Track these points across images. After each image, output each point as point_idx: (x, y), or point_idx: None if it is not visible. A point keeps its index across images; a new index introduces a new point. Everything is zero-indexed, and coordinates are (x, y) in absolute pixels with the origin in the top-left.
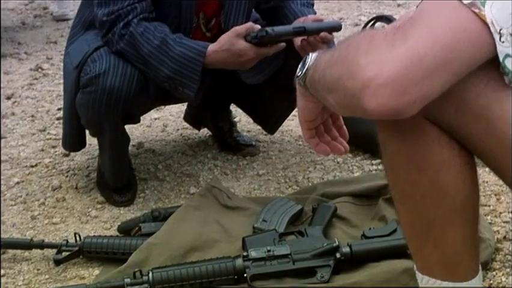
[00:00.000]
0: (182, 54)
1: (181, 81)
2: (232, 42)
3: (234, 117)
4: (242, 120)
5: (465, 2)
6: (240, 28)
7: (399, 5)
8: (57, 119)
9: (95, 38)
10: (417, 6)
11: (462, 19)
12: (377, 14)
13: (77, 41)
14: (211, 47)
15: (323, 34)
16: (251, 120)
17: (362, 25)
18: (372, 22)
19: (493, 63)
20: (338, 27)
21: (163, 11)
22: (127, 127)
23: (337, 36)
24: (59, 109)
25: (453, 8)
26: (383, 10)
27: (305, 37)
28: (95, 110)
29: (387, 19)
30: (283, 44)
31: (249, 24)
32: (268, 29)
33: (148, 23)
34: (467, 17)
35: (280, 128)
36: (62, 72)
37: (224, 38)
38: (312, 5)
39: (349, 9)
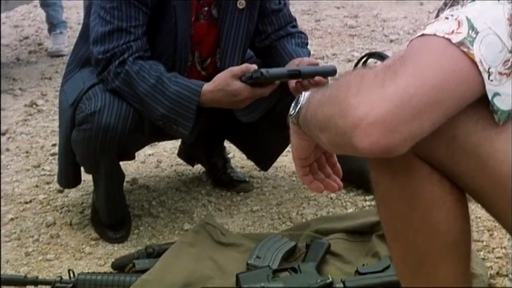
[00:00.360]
0: (178, 93)
1: (176, 120)
2: (227, 82)
3: (228, 154)
4: (236, 156)
5: (454, 41)
6: (236, 69)
7: (391, 41)
8: (52, 155)
9: (90, 76)
10: (408, 44)
11: (451, 58)
12: (370, 51)
13: (73, 79)
14: (206, 86)
15: (317, 78)
16: (245, 156)
17: (355, 61)
18: (364, 59)
19: (482, 101)
20: (332, 72)
21: (158, 50)
22: (121, 163)
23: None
24: (53, 145)
25: (442, 48)
26: (375, 46)
27: (299, 80)
28: (91, 148)
29: (380, 56)
30: (277, 83)
31: (245, 65)
32: (263, 70)
33: (143, 62)
34: (456, 57)
35: (274, 164)
36: (56, 108)
37: (219, 78)
38: (307, 44)
39: (342, 44)
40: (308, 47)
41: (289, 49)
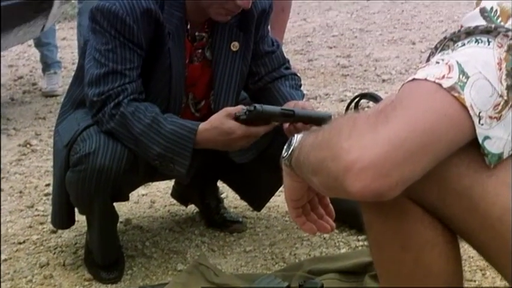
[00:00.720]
0: (174, 131)
1: (173, 159)
2: (222, 121)
3: (221, 194)
4: (229, 197)
5: (445, 86)
6: (231, 108)
7: (384, 81)
8: (46, 195)
9: (84, 117)
10: (400, 88)
11: (442, 103)
12: (362, 91)
13: (67, 120)
14: (203, 125)
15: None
16: (238, 197)
17: (348, 101)
18: (356, 99)
19: (473, 144)
20: (327, 119)
21: (153, 91)
22: (115, 203)
23: (322, 108)
24: (47, 185)
25: (433, 92)
26: (368, 86)
27: (293, 122)
28: (85, 189)
29: (372, 96)
30: (273, 124)
31: (240, 106)
32: (257, 105)
33: (138, 103)
34: (446, 101)
35: (267, 204)
36: (50, 148)
37: (214, 117)
38: (300, 86)
39: (334, 84)
40: (301, 87)
41: (284, 91)
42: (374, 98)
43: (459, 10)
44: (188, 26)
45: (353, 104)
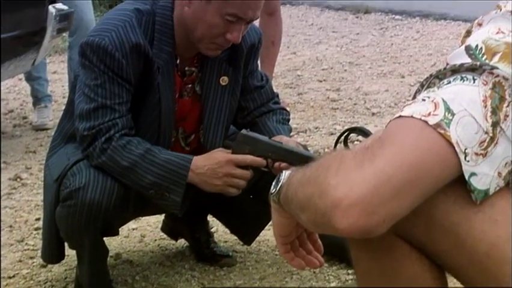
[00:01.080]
0: (169, 160)
1: (168, 187)
2: (212, 154)
3: (211, 228)
4: (219, 231)
5: (431, 123)
6: (232, 157)
7: (373, 114)
8: (36, 229)
9: (75, 151)
10: (386, 125)
11: (428, 140)
12: (351, 125)
13: (57, 154)
14: (197, 158)
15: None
16: (228, 231)
17: (337, 134)
18: (346, 134)
19: (460, 180)
20: (311, 158)
21: (143, 126)
22: (105, 237)
23: (312, 146)
24: (37, 219)
25: (419, 130)
26: (357, 119)
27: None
28: (75, 224)
29: (361, 131)
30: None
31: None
32: (243, 131)
33: (129, 138)
34: (433, 138)
35: (257, 238)
36: (41, 182)
37: (210, 151)
38: (288, 120)
39: (324, 118)
40: (291, 120)
41: (270, 126)
42: (363, 132)
43: (448, 44)
44: (178, 61)
45: (342, 138)
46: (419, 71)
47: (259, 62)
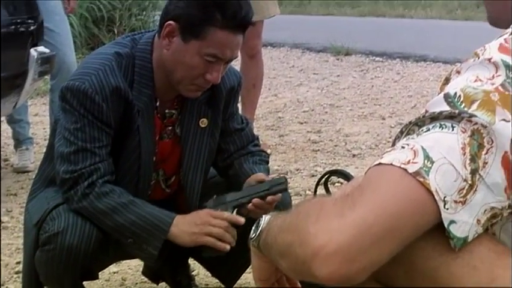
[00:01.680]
0: (151, 213)
1: (147, 239)
2: (198, 211)
3: (192, 271)
4: (200, 274)
5: (410, 171)
6: (211, 212)
7: (354, 156)
8: (16, 273)
9: (54, 195)
10: (366, 172)
11: (407, 188)
12: (331, 168)
13: (37, 198)
14: (179, 216)
15: (269, 198)
16: (209, 274)
17: (318, 176)
18: (326, 176)
19: (439, 227)
20: (282, 189)
21: (123, 168)
22: (85, 282)
23: (294, 188)
24: (18, 263)
25: (399, 178)
26: (338, 161)
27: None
28: (54, 268)
29: (341, 173)
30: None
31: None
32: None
33: (112, 186)
34: (412, 186)
35: (238, 281)
36: (21, 225)
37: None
38: (266, 162)
39: (305, 160)
40: (272, 162)
41: (246, 167)
42: (344, 175)
43: (428, 85)
44: (158, 103)
45: (322, 181)
46: (399, 113)
47: (240, 104)
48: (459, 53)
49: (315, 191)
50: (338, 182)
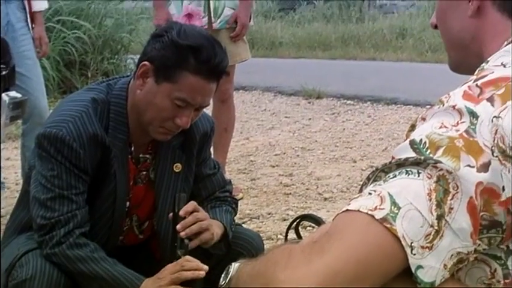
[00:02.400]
0: (121, 273)
1: None
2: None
3: None
4: None
5: (377, 217)
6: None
7: (325, 199)
8: None
9: (25, 242)
10: (333, 219)
11: (374, 234)
12: (302, 213)
13: (10, 245)
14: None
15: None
16: None
17: (290, 220)
18: (297, 221)
19: (406, 271)
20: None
21: (98, 212)
22: None
23: (265, 232)
24: None
25: (366, 224)
26: (310, 204)
27: None
28: None
29: (312, 218)
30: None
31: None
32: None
33: (88, 241)
34: (379, 232)
35: None
36: None
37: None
38: (233, 208)
39: (277, 203)
40: (244, 206)
41: (212, 216)
42: (315, 220)
43: (398, 128)
44: (132, 148)
45: (293, 225)
46: (370, 156)
47: (212, 148)
48: (429, 96)
49: (286, 235)
50: (310, 226)
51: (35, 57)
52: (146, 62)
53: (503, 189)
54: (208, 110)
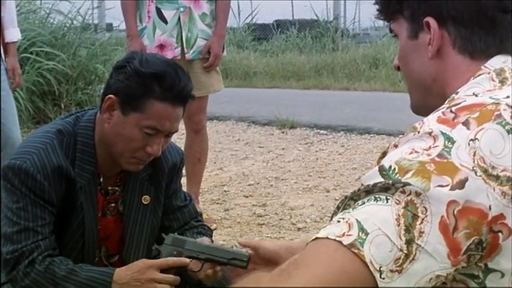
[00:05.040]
0: (90, 277)
1: None
2: (138, 264)
3: None
4: None
5: (345, 243)
6: (153, 262)
7: (299, 229)
8: None
9: None
10: (307, 244)
11: (342, 260)
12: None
13: None
14: (119, 269)
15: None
16: None
17: None
18: None
19: None
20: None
21: (67, 246)
22: None
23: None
24: None
25: (334, 250)
26: (283, 234)
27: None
28: None
29: None
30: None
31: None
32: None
33: (51, 258)
34: (347, 258)
35: None
36: None
37: (133, 263)
38: (209, 234)
39: (251, 234)
40: (218, 236)
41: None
42: None
43: (372, 157)
44: (101, 179)
45: None
46: (343, 185)
47: (185, 178)
48: (402, 126)
49: None
50: None
51: (8, 88)
52: (111, 95)
53: (490, 208)
54: (182, 140)
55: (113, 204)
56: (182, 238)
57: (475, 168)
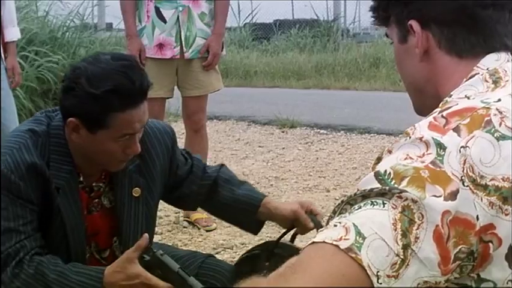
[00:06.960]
0: (81, 282)
1: None
2: (125, 266)
3: None
4: None
5: (342, 247)
6: (132, 252)
7: None
8: None
9: None
10: (304, 248)
11: (340, 264)
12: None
13: None
14: (108, 269)
15: None
16: None
17: None
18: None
19: None
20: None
21: (53, 244)
22: None
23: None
24: None
25: (331, 254)
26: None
27: None
28: None
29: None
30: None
31: (137, 244)
32: (158, 252)
33: (40, 257)
34: (344, 262)
35: None
36: None
37: (118, 261)
38: (230, 175)
39: (250, 233)
40: (218, 236)
41: (239, 197)
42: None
43: (372, 157)
44: (81, 178)
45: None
46: (344, 185)
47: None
48: (403, 125)
49: None
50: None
51: (8, 88)
52: (72, 119)
53: (478, 218)
54: (182, 140)
55: (97, 200)
56: (166, 263)
57: (463, 178)
